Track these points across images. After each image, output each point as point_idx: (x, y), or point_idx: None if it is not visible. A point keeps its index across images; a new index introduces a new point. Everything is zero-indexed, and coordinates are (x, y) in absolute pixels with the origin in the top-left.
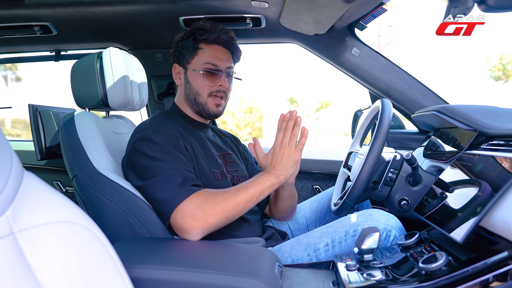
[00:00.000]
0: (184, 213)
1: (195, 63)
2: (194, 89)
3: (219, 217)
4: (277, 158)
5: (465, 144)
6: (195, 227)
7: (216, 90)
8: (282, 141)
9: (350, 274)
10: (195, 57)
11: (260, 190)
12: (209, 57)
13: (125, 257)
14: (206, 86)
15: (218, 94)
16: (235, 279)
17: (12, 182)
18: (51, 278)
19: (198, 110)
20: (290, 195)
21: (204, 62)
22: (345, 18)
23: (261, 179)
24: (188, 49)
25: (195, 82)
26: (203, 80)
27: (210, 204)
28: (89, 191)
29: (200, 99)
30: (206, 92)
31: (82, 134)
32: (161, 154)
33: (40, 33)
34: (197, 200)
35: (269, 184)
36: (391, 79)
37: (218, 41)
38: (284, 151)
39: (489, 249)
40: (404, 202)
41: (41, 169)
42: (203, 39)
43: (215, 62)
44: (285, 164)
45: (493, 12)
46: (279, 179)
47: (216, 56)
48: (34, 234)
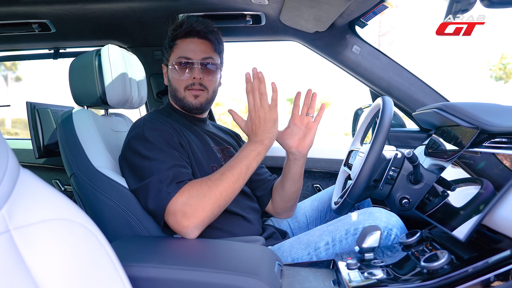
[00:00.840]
0: (174, 214)
1: (171, 59)
2: (173, 85)
3: (209, 208)
4: (255, 123)
5: (467, 142)
6: (187, 225)
7: (191, 84)
8: (254, 104)
9: (351, 273)
10: (171, 54)
11: (246, 165)
12: (181, 51)
13: (123, 255)
14: (180, 81)
15: (194, 87)
16: (235, 278)
17: (8, 179)
18: (47, 276)
19: (181, 106)
20: (300, 174)
21: (177, 56)
22: (345, 15)
23: (245, 152)
24: (166, 47)
25: (172, 78)
26: (176, 74)
27: (196, 198)
28: (87, 189)
29: (179, 94)
30: (182, 86)
31: (80, 132)
32: (154, 152)
33: (38, 31)
34: (182, 197)
35: (255, 153)
36: (392, 77)
37: (192, 33)
38: (259, 114)
39: (492, 247)
40: (405, 201)
41: (40, 167)
42: (175, 34)
43: (186, 55)
44: (265, 126)
45: (496, 7)
46: (264, 143)
47: (188, 48)
48: (30, 232)
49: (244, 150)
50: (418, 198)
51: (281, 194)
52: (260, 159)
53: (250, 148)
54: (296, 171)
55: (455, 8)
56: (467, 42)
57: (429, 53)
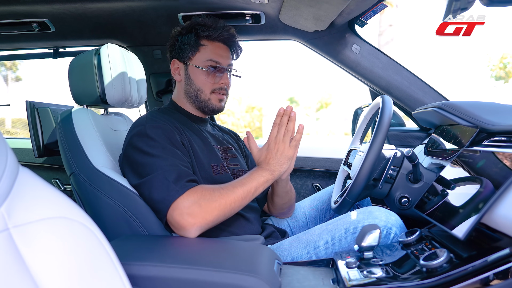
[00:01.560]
0: (181, 210)
1: (197, 59)
2: (196, 85)
3: (216, 213)
4: (271, 153)
5: (467, 141)
6: (192, 224)
7: (219, 88)
8: (276, 137)
9: (350, 271)
10: (197, 53)
11: (255, 186)
12: (211, 54)
13: (123, 254)
14: (209, 84)
15: (220, 92)
16: (234, 276)
17: (7, 178)
18: (46, 274)
19: (200, 106)
20: (286, 191)
21: (206, 59)
22: (345, 15)
23: (255, 175)
24: (189, 45)
25: (197, 79)
26: (206, 77)
27: (207, 201)
28: (86, 188)
29: (203, 96)
30: (209, 89)
31: (79, 131)
32: (157, 150)
33: (38, 30)
34: (193, 196)
35: (264, 180)
36: (392, 76)
37: (220, 38)
38: (279, 147)
39: (491, 246)
40: (405, 200)
41: (40, 167)
42: (205, 35)
43: (217, 59)
44: (279, 160)
45: (495, 6)
46: (273, 175)
47: (218, 53)
48: (29, 230)
49: (255, 173)
50: (418, 197)
51: (273, 204)
52: (266, 186)
53: (260, 173)
54: (281, 190)
55: (454, 7)
56: (468, 42)
57: (430, 52)
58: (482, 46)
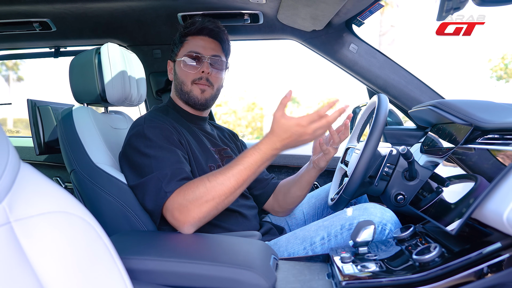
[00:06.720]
0: (171, 212)
1: (180, 54)
2: (179, 78)
3: (205, 210)
4: (290, 130)
5: (461, 139)
6: (183, 222)
7: (199, 78)
8: (310, 121)
9: (345, 266)
10: (181, 49)
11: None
12: (192, 46)
13: (122, 248)
14: (188, 73)
15: (201, 82)
16: (230, 270)
17: (9, 173)
18: (47, 267)
19: (186, 100)
20: (310, 183)
21: (187, 51)
22: (342, 14)
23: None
24: (175, 43)
25: (180, 71)
26: (185, 67)
27: (191, 199)
28: (87, 185)
29: (185, 88)
30: (189, 79)
31: (80, 128)
32: (154, 150)
33: (39, 30)
34: (180, 196)
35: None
36: (389, 75)
37: (203, 31)
38: (304, 130)
39: (482, 240)
40: (401, 197)
41: (41, 165)
42: (187, 31)
43: (198, 50)
44: (292, 140)
45: (487, 6)
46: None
47: (199, 44)
48: (30, 224)
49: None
50: (413, 194)
51: (285, 194)
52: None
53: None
54: (305, 179)
55: (446, 7)
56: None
57: (431, 52)
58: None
